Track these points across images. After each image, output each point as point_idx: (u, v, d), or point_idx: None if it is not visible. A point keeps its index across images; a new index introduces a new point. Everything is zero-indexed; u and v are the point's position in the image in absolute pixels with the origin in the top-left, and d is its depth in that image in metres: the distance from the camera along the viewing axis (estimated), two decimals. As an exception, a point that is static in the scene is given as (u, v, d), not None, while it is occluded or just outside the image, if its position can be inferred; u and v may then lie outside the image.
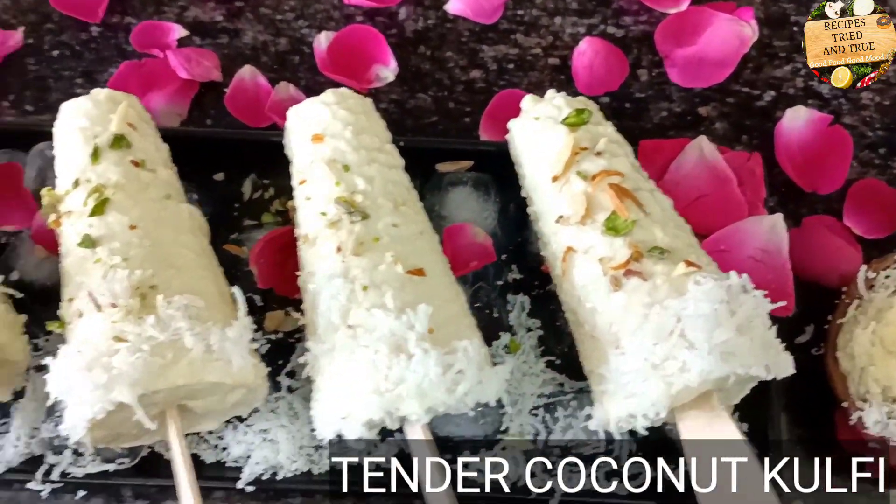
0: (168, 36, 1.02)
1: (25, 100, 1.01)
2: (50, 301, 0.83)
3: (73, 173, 0.78)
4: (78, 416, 0.69)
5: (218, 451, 0.85)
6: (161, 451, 0.84)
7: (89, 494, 0.85)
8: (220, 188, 0.94)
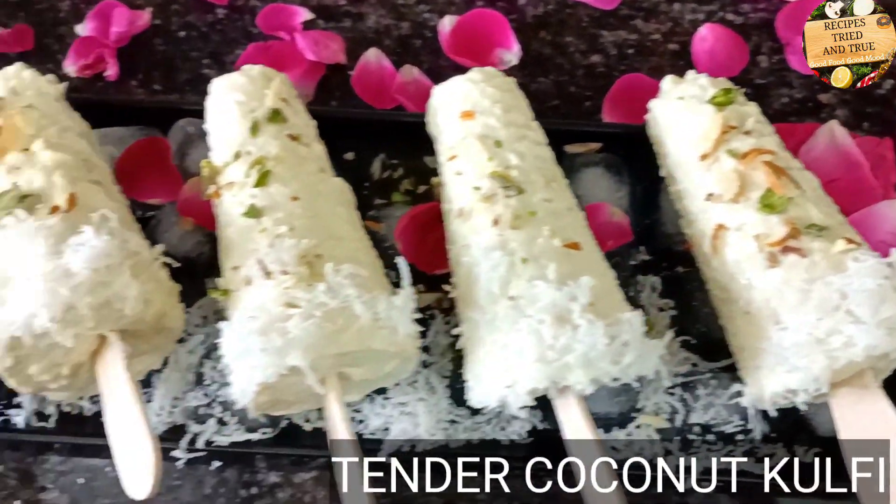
0: (294, 19, 1.03)
1: (153, 79, 1.03)
2: (194, 272, 0.86)
3: (232, 146, 0.79)
4: (249, 380, 0.70)
5: (355, 424, 0.86)
6: (299, 423, 0.85)
7: (224, 465, 0.87)
8: (351, 168, 0.95)
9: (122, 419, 0.71)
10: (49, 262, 0.69)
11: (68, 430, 0.87)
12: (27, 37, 1.04)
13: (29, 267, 0.69)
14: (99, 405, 0.86)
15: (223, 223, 0.78)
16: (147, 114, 0.94)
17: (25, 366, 0.73)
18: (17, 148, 0.78)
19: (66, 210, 0.74)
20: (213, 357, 0.85)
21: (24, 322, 0.69)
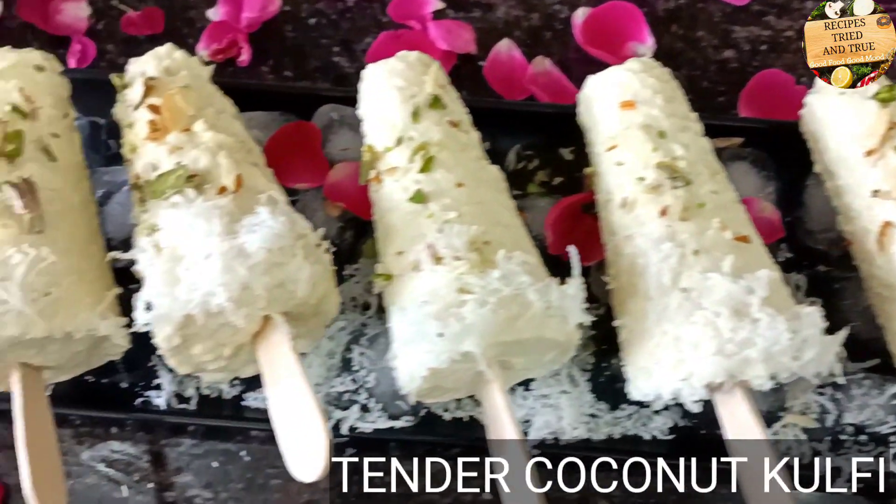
0: (425, 8, 1.04)
1: (284, 65, 1.03)
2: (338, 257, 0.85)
3: (393, 132, 0.79)
4: (420, 364, 0.70)
5: (493, 415, 0.85)
6: (438, 413, 0.85)
7: (358, 452, 0.86)
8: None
9: (288, 401, 0.71)
10: (225, 242, 0.69)
11: (207, 413, 0.87)
12: (158, 20, 1.05)
13: (205, 246, 0.69)
14: (238, 388, 0.87)
15: (384, 208, 0.78)
16: (284, 99, 0.94)
17: (191, 345, 0.73)
18: (178, 128, 0.79)
19: (233, 191, 0.74)
20: (361, 343, 0.85)
21: (201, 301, 0.69)
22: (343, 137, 0.92)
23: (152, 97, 0.81)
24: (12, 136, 0.78)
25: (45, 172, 0.78)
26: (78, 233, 0.78)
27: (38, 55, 0.88)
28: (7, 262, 0.69)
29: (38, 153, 0.80)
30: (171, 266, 0.70)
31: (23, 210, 0.73)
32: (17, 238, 0.71)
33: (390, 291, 0.75)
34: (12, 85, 0.82)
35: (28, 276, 0.69)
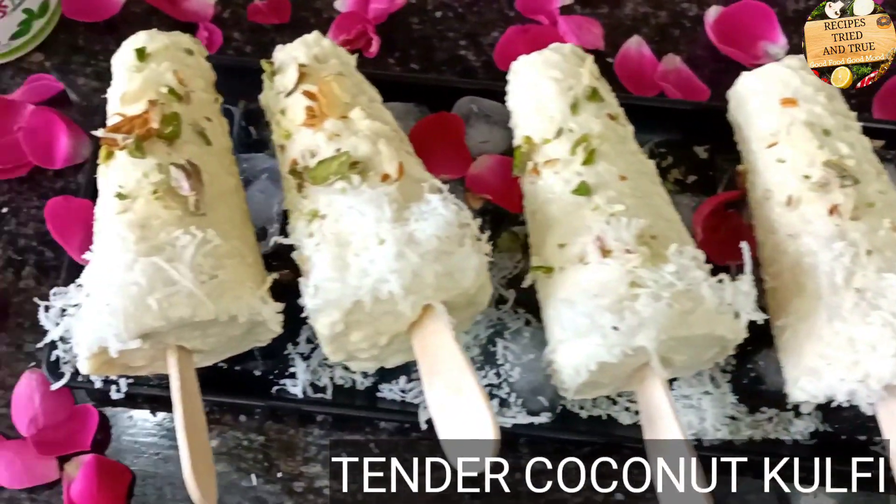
0: (553, 3, 1.03)
1: (411, 57, 1.03)
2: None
3: (552, 123, 0.79)
4: (589, 358, 0.69)
5: (632, 414, 0.85)
6: (574, 410, 0.84)
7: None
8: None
9: (450, 391, 0.70)
10: (397, 228, 0.69)
11: (343, 403, 0.87)
12: (284, 9, 1.05)
13: (377, 232, 0.69)
14: (371, 379, 0.87)
15: (542, 200, 0.77)
16: (416, 91, 0.93)
17: (351, 332, 0.73)
18: (335, 114, 0.79)
19: (395, 179, 0.74)
20: (505, 336, 0.84)
21: (372, 287, 0.69)
22: (480, 130, 0.91)
23: (306, 84, 0.80)
24: (170, 118, 0.78)
25: (202, 155, 0.78)
26: (234, 216, 0.78)
27: (188, 38, 0.88)
28: (174, 243, 0.69)
29: (195, 136, 0.80)
30: (339, 251, 0.70)
31: (189, 192, 0.73)
32: (182, 219, 0.72)
33: (550, 284, 0.75)
34: (165, 67, 0.83)
35: (196, 257, 0.69)
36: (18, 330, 0.92)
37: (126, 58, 0.85)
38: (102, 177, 0.78)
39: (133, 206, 0.72)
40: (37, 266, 0.94)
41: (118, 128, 0.77)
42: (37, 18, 0.99)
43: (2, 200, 0.97)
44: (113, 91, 0.85)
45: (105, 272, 0.69)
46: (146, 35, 0.86)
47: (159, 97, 0.79)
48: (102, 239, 0.73)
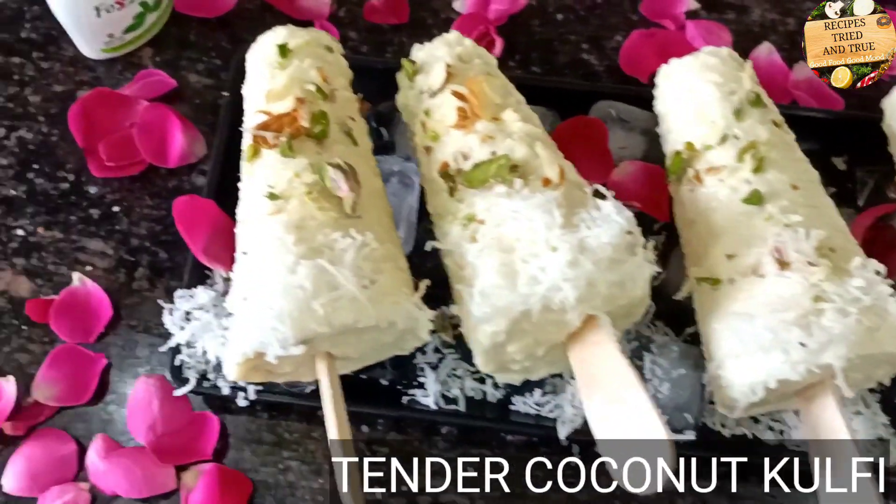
0: (678, 7, 1.01)
1: (532, 60, 1.00)
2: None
3: (715, 129, 0.76)
4: (768, 376, 0.67)
5: (776, 433, 0.82)
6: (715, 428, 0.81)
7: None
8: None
9: (617, 405, 0.67)
10: (569, 235, 0.66)
11: (473, 415, 0.84)
12: (402, 9, 1.03)
13: (548, 239, 0.66)
14: (502, 391, 0.84)
15: (705, 208, 0.75)
16: (543, 94, 0.91)
17: (510, 342, 0.70)
18: (486, 116, 0.76)
19: (557, 183, 0.71)
20: (652, 351, 0.81)
21: (543, 295, 0.66)
22: (618, 135, 0.89)
23: (453, 84, 0.78)
24: (318, 117, 0.75)
25: (350, 156, 0.75)
26: (384, 219, 0.75)
27: (327, 36, 0.86)
28: (333, 245, 0.67)
29: (342, 136, 0.77)
30: (506, 258, 0.67)
31: (348, 193, 0.70)
32: (338, 222, 0.69)
33: (716, 296, 0.72)
34: (308, 64, 0.80)
35: (357, 261, 0.66)
36: (131, 333, 0.90)
37: (266, 53, 0.82)
38: (247, 175, 0.76)
39: (287, 206, 0.70)
40: (150, 267, 0.92)
41: (266, 125, 0.75)
42: (151, 12, 0.97)
43: (113, 199, 0.95)
44: (252, 87, 0.82)
45: (264, 275, 0.66)
46: (286, 31, 0.83)
47: (306, 95, 0.77)
48: (254, 240, 0.70)
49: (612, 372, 0.68)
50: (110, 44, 0.97)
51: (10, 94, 0.99)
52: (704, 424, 0.82)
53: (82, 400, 0.87)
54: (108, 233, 0.93)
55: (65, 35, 1.00)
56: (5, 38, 1.02)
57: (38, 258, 0.93)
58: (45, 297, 0.90)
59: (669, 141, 0.80)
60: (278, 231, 0.67)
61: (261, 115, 0.76)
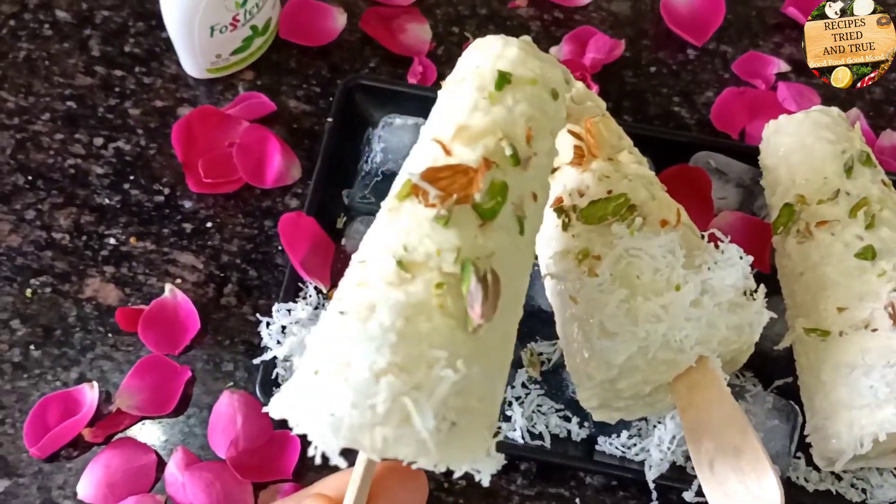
0: (769, 68, 1.02)
1: (623, 109, 1.02)
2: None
3: (828, 185, 0.78)
4: (879, 428, 0.67)
5: (858, 492, 0.82)
6: (800, 483, 0.81)
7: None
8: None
9: (726, 450, 0.67)
10: (692, 275, 0.67)
11: (559, 452, 0.84)
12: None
13: (669, 278, 0.67)
14: (587, 430, 0.84)
15: (816, 261, 0.76)
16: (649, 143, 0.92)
17: (621, 378, 0.70)
18: (602, 156, 0.77)
19: (674, 226, 0.72)
20: (747, 399, 0.81)
21: (664, 333, 0.67)
22: (717, 186, 0.90)
23: (567, 123, 0.79)
24: (496, 191, 0.59)
25: (509, 250, 0.60)
26: (509, 334, 0.61)
27: (561, 73, 0.69)
28: (432, 364, 0.52)
29: (511, 220, 0.61)
30: (627, 294, 0.68)
31: (479, 318, 0.55)
32: (453, 336, 0.55)
33: (825, 347, 0.72)
34: (520, 112, 0.63)
35: (447, 398, 0.52)
36: (217, 348, 0.90)
37: (483, 68, 0.65)
38: (387, 211, 0.61)
39: (410, 285, 0.55)
40: (239, 284, 0.93)
41: (437, 176, 0.59)
42: (258, 35, 0.99)
43: (207, 215, 0.95)
44: (446, 103, 0.66)
45: (345, 358, 0.53)
46: (518, 50, 0.66)
47: (497, 156, 0.61)
48: (356, 303, 0.56)
49: (724, 418, 0.68)
50: (216, 64, 0.98)
51: (110, 106, 1.01)
52: (788, 478, 0.82)
53: (165, 411, 0.86)
54: (199, 247, 0.94)
55: (168, 52, 1.02)
56: (109, 51, 1.04)
57: (127, 268, 0.93)
58: (133, 306, 0.90)
59: (777, 193, 0.81)
60: (384, 315, 0.53)
61: (435, 149, 0.62)
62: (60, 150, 0.98)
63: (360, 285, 0.56)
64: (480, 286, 0.56)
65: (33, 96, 1.01)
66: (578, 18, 1.06)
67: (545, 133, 0.65)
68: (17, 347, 0.89)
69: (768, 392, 0.82)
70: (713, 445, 0.68)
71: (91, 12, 1.06)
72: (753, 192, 0.89)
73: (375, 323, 0.53)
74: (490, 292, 0.56)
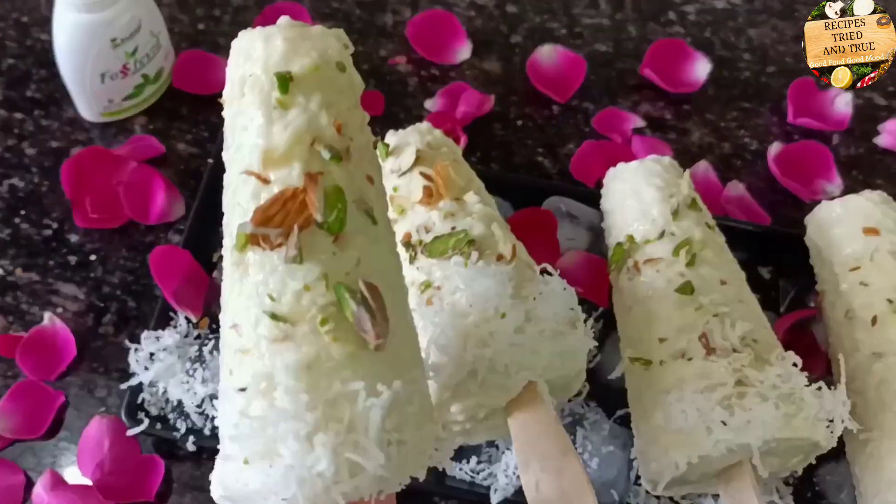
0: (626, 124, 1.03)
1: (491, 158, 1.02)
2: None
3: (655, 226, 0.78)
4: (690, 452, 0.66)
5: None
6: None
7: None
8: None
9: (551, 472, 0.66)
10: (518, 304, 0.66)
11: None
12: (378, 103, 1.04)
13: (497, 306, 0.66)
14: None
15: (643, 296, 0.75)
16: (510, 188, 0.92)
17: (453, 401, 0.69)
18: (450, 196, 0.76)
19: (509, 260, 0.71)
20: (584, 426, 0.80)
21: (490, 358, 0.66)
22: (566, 228, 0.90)
23: (421, 166, 0.79)
24: (334, 199, 0.52)
25: (370, 249, 0.54)
26: (408, 327, 0.56)
27: (335, 40, 0.57)
28: (354, 399, 0.48)
29: (361, 218, 0.54)
30: (458, 322, 0.66)
31: (374, 338, 0.51)
32: (357, 360, 0.50)
33: (647, 376, 0.72)
34: (317, 105, 0.54)
35: (383, 423, 0.48)
36: (92, 374, 0.87)
37: (258, 80, 0.55)
38: (234, 265, 0.54)
39: (295, 334, 0.50)
40: (118, 314, 0.90)
41: (268, 215, 0.52)
42: (150, 84, 0.97)
43: (92, 248, 0.93)
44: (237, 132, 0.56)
45: (270, 436, 0.48)
46: (283, 42, 0.55)
47: (315, 162, 0.53)
48: (248, 373, 0.50)
49: (549, 441, 0.66)
50: (109, 108, 0.96)
51: (8, 146, 0.98)
52: (627, 503, 0.80)
53: (37, 434, 0.83)
54: (82, 279, 0.91)
55: (66, 98, 1.00)
56: (11, 95, 1.01)
57: (12, 297, 0.90)
58: (14, 333, 0.87)
59: (613, 234, 0.81)
60: (285, 377, 0.49)
61: (252, 183, 0.54)
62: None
63: (245, 353, 0.51)
64: (362, 307, 0.50)
65: (-67, 134, 0.98)
66: (453, 75, 1.07)
67: (349, 111, 0.57)
68: None
69: (609, 420, 0.81)
70: (539, 466, 0.66)
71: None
72: (601, 234, 0.89)
73: (280, 391, 0.48)
74: (375, 308, 0.51)
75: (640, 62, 1.07)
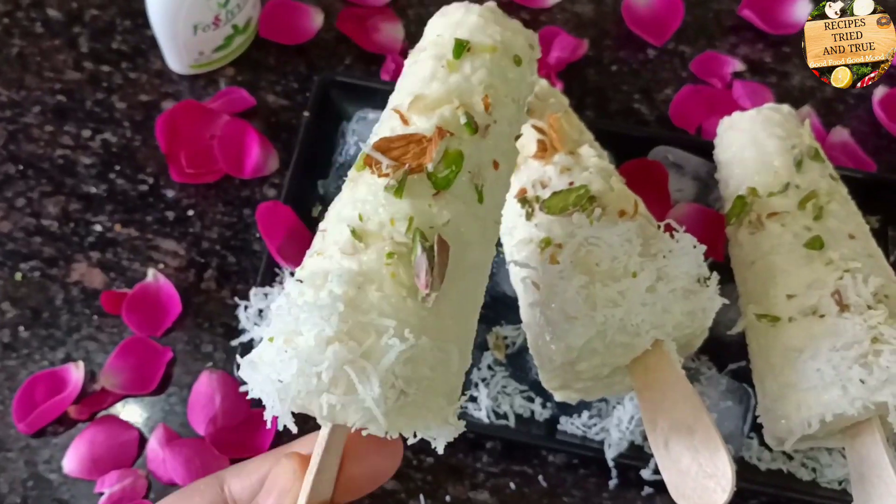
0: (725, 68, 0.99)
1: (586, 105, 0.99)
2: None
3: (778, 178, 0.75)
4: (825, 410, 0.64)
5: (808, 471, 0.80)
6: (752, 462, 0.79)
7: (654, 493, 0.80)
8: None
9: (680, 429, 0.64)
10: (648, 263, 0.64)
11: (522, 431, 0.81)
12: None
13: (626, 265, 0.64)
14: (550, 411, 0.81)
15: (766, 250, 0.72)
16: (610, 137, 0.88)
17: (580, 361, 0.67)
18: (564, 149, 0.74)
19: (631, 216, 0.69)
20: (701, 381, 0.78)
21: (620, 318, 0.64)
22: (674, 179, 0.87)
23: (532, 118, 0.76)
24: (451, 160, 0.55)
25: (465, 218, 0.55)
26: (465, 304, 0.55)
27: (524, 39, 0.63)
28: (381, 333, 0.48)
29: (469, 189, 0.56)
30: (586, 280, 0.64)
31: (424, 288, 0.51)
32: (403, 306, 0.50)
33: (774, 333, 0.69)
34: (478, 79, 0.58)
35: (393, 368, 0.48)
36: (197, 329, 0.86)
37: (442, 40, 0.61)
38: (351, 181, 0.56)
39: (363, 254, 0.51)
40: (218, 269, 0.89)
41: (390, 146, 0.55)
42: (240, 34, 0.95)
43: (189, 203, 0.92)
44: (409, 73, 0.61)
45: (295, 323, 0.49)
46: (477, 17, 0.61)
47: (452, 123, 0.56)
48: (312, 271, 0.52)
49: (678, 398, 0.65)
50: (199, 60, 0.94)
51: (98, 100, 0.97)
52: (742, 458, 0.79)
53: (147, 390, 0.83)
54: (181, 234, 0.90)
55: (153, 49, 0.98)
56: (97, 48, 0.99)
57: (112, 253, 0.89)
58: (118, 290, 0.87)
59: (731, 186, 0.78)
60: (335, 284, 0.50)
61: (394, 119, 0.57)
62: (50, 142, 0.94)
63: (319, 254, 0.53)
64: (426, 255, 0.51)
65: (25, 90, 0.97)
66: (544, 20, 1.03)
67: (506, 100, 0.60)
68: (7, 328, 0.85)
69: (722, 375, 0.80)
70: (668, 425, 0.65)
71: (80, 11, 1.02)
72: (709, 184, 0.86)
73: (326, 292, 0.49)
74: (436, 262, 0.52)
75: (739, 2, 1.03)
